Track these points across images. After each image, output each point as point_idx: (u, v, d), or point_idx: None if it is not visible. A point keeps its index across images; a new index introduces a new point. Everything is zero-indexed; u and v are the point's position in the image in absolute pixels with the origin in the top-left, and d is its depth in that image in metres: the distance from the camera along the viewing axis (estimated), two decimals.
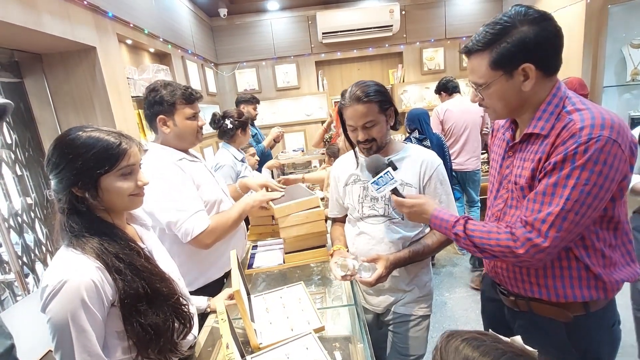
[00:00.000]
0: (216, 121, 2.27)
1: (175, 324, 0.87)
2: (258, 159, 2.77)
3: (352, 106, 1.17)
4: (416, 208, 1.08)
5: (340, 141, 1.83)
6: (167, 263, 1.02)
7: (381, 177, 1.11)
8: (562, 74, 3.38)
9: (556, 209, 0.81)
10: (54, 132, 2.10)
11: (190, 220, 1.26)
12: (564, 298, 0.92)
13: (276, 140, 3.39)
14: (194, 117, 1.38)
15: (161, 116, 1.32)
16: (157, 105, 1.30)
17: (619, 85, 3.35)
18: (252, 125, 3.63)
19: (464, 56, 1.00)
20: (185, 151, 1.44)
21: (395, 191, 1.12)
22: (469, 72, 0.97)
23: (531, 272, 0.95)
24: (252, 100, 3.55)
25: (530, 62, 0.84)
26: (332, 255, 1.31)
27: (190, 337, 0.96)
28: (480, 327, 1.27)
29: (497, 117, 0.99)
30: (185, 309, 0.92)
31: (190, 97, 1.35)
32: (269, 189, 1.66)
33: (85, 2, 1.99)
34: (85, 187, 0.81)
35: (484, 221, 1.03)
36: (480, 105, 0.98)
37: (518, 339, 0.54)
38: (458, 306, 2.67)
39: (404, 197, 1.12)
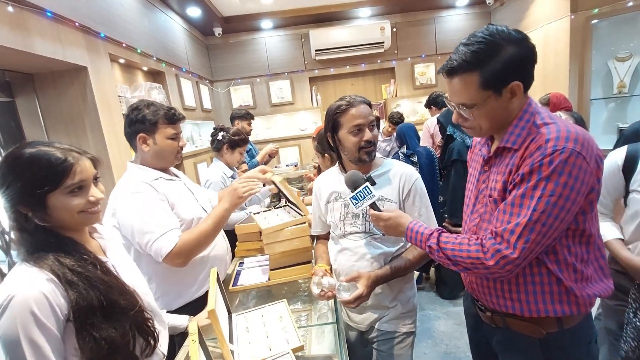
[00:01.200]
0: (213, 129, 2.35)
1: (138, 339, 0.85)
2: None
3: (360, 105, 1.23)
4: (392, 221, 1.09)
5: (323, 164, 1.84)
6: (133, 277, 0.99)
7: (360, 191, 1.13)
8: (550, 87, 3.45)
9: (523, 219, 0.82)
10: None
11: (159, 240, 1.25)
12: (537, 313, 0.92)
13: (271, 156, 3.43)
14: (175, 137, 1.39)
15: (141, 134, 1.33)
16: (138, 123, 1.32)
17: (606, 97, 3.41)
18: None
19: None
20: (164, 170, 1.44)
21: (373, 206, 1.13)
22: (451, 94, 0.93)
23: (505, 287, 0.95)
24: (247, 116, 3.58)
25: (519, 80, 0.86)
26: (313, 273, 1.30)
27: (155, 358, 0.93)
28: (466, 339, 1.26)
29: (481, 135, 1.00)
30: (149, 324, 0.89)
31: (173, 118, 1.36)
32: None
33: (77, 24, 2.04)
34: (30, 206, 0.79)
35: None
36: (462, 125, 0.97)
37: None
38: (452, 320, 2.63)
39: (381, 211, 1.13)
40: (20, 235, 0.81)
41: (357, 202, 1.14)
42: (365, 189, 1.12)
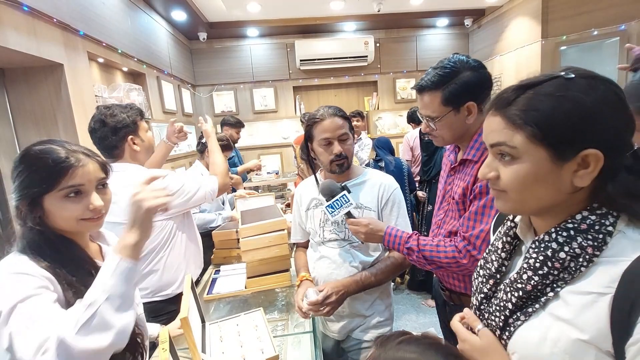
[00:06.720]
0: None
1: (126, 356, 0.81)
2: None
3: (330, 118, 1.24)
4: (372, 225, 1.15)
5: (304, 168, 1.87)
6: None
7: (336, 200, 1.15)
8: None
9: (486, 227, 0.97)
10: (11, 149, 2.01)
11: (206, 184, 1.51)
12: None
13: (252, 170, 3.48)
14: (150, 129, 1.51)
15: (131, 136, 1.37)
16: (124, 128, 1.35)
17: None
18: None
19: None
20: None
21: (349, 214, 1.17)
22: (421, 107, 1.12)
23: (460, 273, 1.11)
24: (237, 124, 3.64)
25: (473, 100, 1.03)
26: (299, 285, 1.29)
27: None
28: None
29: (444, 143, 1.17)
30: (139, 339, 0.86)
31: (142, 112, 1.45)
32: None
33: (55, 20, 1.98)
34: (27, 205, 0.77)
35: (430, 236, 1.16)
36: (429, 134, 1.14)
37: (432, 330, 0.62)
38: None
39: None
40: (21, 230, 0.78)
41: (333, 210, 1.16)
42: (343, 198, 1.16)
